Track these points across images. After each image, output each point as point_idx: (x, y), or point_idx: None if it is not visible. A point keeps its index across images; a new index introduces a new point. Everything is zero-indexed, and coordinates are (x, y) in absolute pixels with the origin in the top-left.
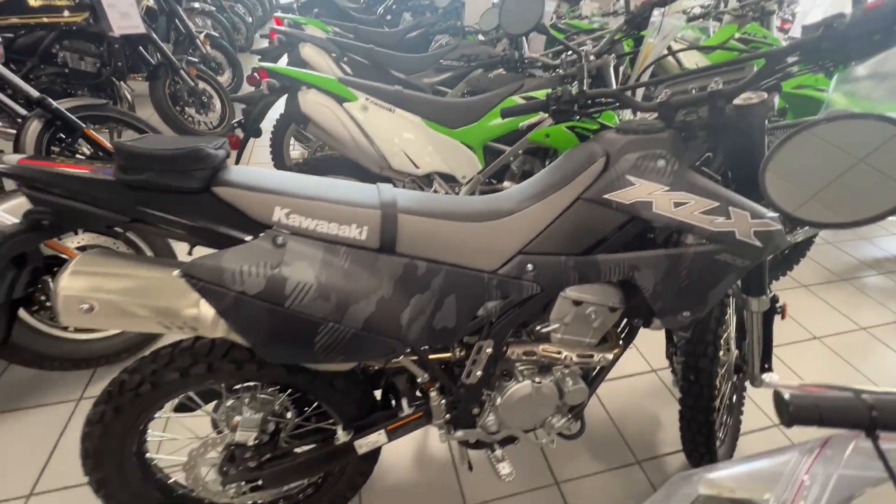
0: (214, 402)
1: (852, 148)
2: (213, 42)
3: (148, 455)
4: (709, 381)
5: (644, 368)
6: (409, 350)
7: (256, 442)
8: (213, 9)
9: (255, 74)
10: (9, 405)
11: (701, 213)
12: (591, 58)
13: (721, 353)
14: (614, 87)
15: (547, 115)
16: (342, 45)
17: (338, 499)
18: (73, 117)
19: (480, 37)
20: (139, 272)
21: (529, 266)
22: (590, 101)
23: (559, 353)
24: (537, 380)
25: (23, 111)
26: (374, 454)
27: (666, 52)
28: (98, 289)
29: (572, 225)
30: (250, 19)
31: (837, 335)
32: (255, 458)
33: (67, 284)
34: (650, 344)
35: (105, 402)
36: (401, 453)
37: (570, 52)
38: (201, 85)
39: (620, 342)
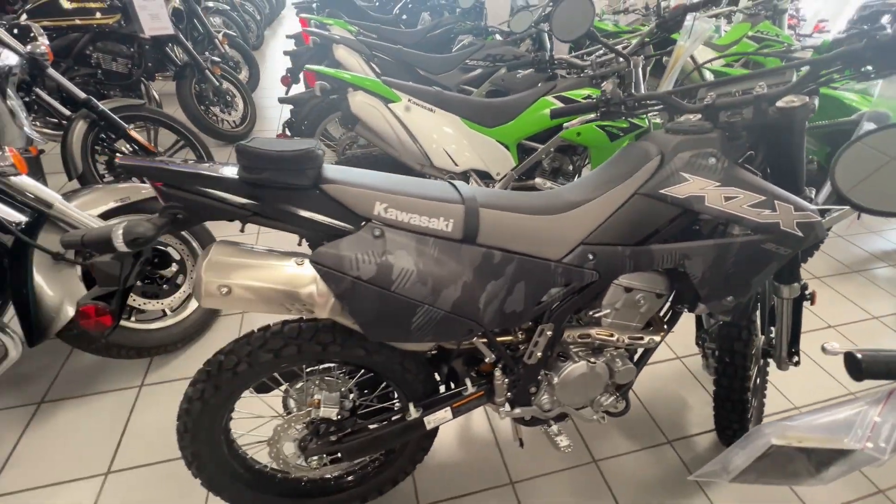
0: (286, 386)
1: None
2: (230, 41)
3: (232, 431)
4: (743, 362)
5: (669, 356)
6: (482, 332)
7: (339, 417)
8: (227, 7)
9: (288, 75)
10: (76, 391)
11: (749, 206)
12: (620, 60)
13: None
14: (642, 87)
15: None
16: (371, 46)
17: (399, 473)
18: (117, 118)
19: (498, 36)
20: (266, 261)
21: (590, 255)
22: (637, 104)
23: (612, 335)
24: (592, 360)
25: (67, 112)
26: (434, 432)
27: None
28: (236, 273)
29: (629, 218)
30: (259, 17)
31: (851, 324)
32: (336, 432)
33: (212, 269)
34: (675, 333)
35: (205, 380)
36: (448, 434)
37: (599, 54)
38: (225, 84)
39: (665, 326)
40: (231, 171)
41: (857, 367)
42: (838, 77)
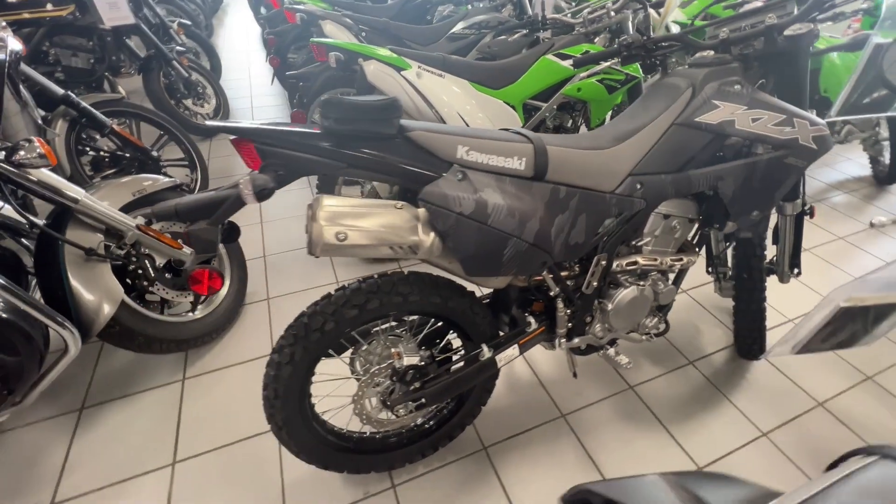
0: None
1: None
2: (186, 31)
3: (311, 397)
4: (760, 275)
5: None
6: (552, 264)
7: (422, 364)
8: None
9: (274, 55)
10: (116, 393)
11: (773, 125)
12: (612, 14)
13: None
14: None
15: (579, 72)
16: (357, 20)
17: (466, 417)
18: (99, 114)
19: (481, 4)
20: (373, 208)
21: (638, 185)
22: (655, 46)
23: (656, 259)
24: (640, 284)
25: (41, 112)
26: (496, 374)
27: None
28: (348, 220)
29: (669, 147)
30: (203, 5)
31: (821, 245)
32: (419, 378)
33: (328, 217)
34: None
35: (292, 343)
36: (497, 382)
37: (588, 11)
38: (194, 75)
39: (696, 249)
40: (313, 130)
41: None
42: (840, 2)
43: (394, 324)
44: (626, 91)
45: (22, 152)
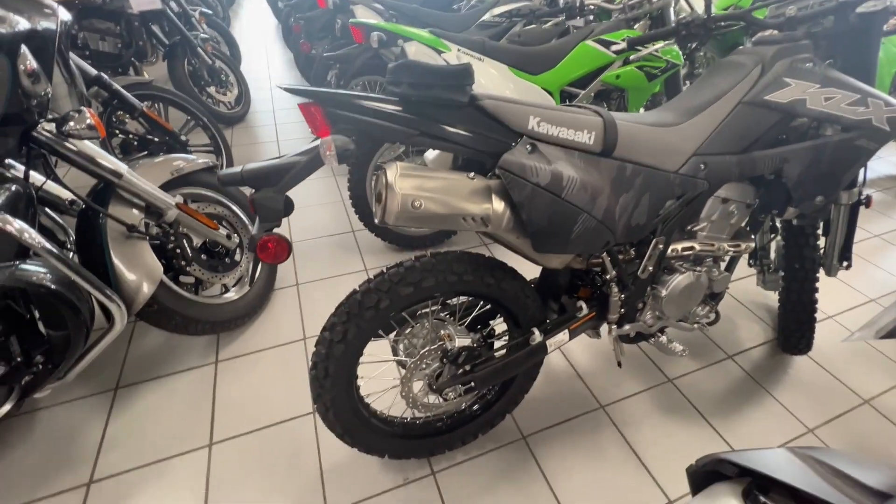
0: (394, 334)
1: None
2: (208, 20)
3: (358, 378)
4: (812, 265)
5: None
6: (614, 244)
7: (474, 346)
8: None
9: (305, 40)
10: (150, 374)
11: (847, 104)
12: (653, 1)
13: None
14: (672, 23)
15: (618, 59)
16: (388, 6)
17: (510, 403)
18: (131, 96)
19: None
20: (448, 176)
21: (702, 165)
22: (715, 25)
23: (713, 245)
24: (696, 269)
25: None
26: (541, 362)
27: None
28: (423, 188)
29: (735, 127)
30: None
31: (858, 243)
32: (469, 361)
33: (403, 184)
34: None
35: (345, 321)
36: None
37: None
38: (217, 63)
39: (752, 235)
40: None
41: None
42: None
43: (438, 307)
44: (664, 80)
45: (72, 123)
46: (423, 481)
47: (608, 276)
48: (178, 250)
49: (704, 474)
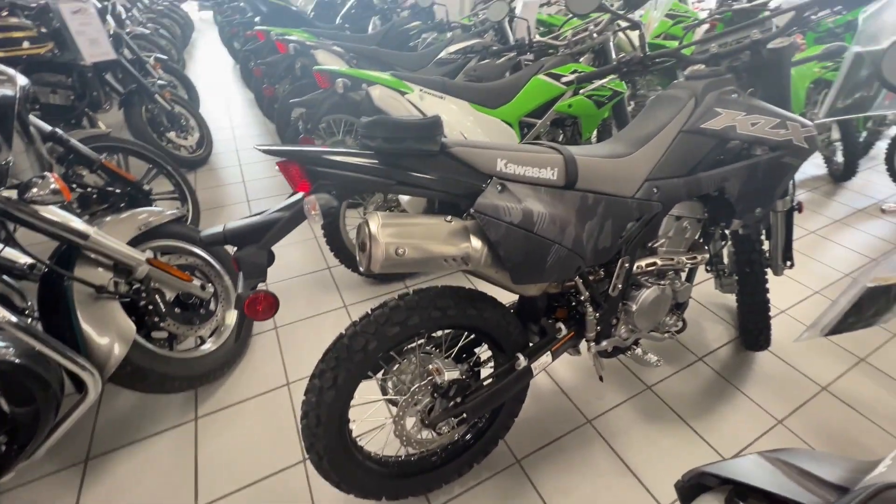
0: (381, 374)
1: None
2: (164, 65)
3: (350, 423)
4: (760, 268)
5: None
6: (584, 269)
7: (463, 378)
8: (147, 32)
9: (268, 85)
10: (123, 440)
11: (770, 128)
12: (595, 36)
13: None
14: (614, 59)
15: (568, 90)
16: (347, 48)
17: (501, 429)
18: (88, 149)
19: (459, 31)
20: (426, 221)
21: (655, 189)
22: (651, 62)
23: (672, 259)
24: (661, 283)
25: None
26: (527, 385)
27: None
28: (404, 235)
29: (678, 153)
30: (174, 40)
31: (798, 240)
32: (459, 393)
33: (385, 234)
34: None
35: (334, 366)
36: None
37: (572, 34)
38: (177, 108)
39: (705, 247)
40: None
41: None
42: (814, 18)
43: (423, 341)
44: (612, 106)
45: (35, 189)
46: None
47: (582, 297)
48: (151, 306)
49: (690, 487)
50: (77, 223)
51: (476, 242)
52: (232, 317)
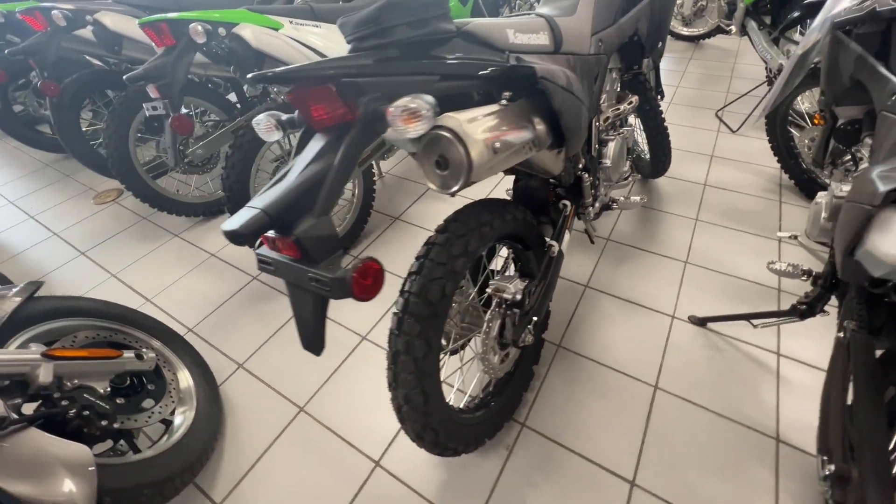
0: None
1: None
2: None
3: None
4: (654, 101)
5: None
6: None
7: (523, 285)
8: None
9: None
10: None
11: None
12: None
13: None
14: None
15: None
16: (134, 5)
17: (542, 328)
18: None
19: None
20: (491, 110)
21: (600, 42)
22: None
23: (619, 108)
24: (619, 132)
25: None
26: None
27: None
28: (490, 129)
29: (603, 2)
30: None
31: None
32: (526, 298)
33: (477, 130)
34: None
35: (419, 331)
36: None
37: None
38: None
39: (628, 93)
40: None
41: None
42: None
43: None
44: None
45: None
46: (521, 436)
47: (580, 165)
48: (85, 412)
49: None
50: None
51: (536, 120)
52: (186, 376)
